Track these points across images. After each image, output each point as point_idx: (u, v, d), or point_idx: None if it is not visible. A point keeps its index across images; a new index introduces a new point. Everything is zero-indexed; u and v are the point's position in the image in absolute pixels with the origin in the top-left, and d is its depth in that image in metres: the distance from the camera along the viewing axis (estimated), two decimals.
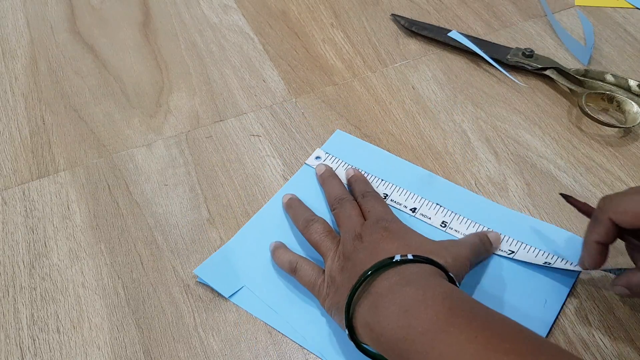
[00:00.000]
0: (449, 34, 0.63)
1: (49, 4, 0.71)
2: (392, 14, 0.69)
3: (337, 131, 0.56)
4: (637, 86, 0.58)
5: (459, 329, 0.34)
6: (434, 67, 0.63)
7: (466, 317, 0.35)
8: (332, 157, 0.54)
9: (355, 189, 0.50)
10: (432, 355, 0.34)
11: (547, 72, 0.60)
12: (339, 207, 0.48)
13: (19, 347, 0.43)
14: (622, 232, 0.40)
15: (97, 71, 0.63)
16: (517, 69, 0.62)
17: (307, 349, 0.43)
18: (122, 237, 0.49)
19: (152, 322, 0.44)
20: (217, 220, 0.50)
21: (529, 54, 0.61)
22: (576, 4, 0.70)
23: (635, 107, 0.56)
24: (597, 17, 0.68)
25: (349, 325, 0.39)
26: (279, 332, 0.43)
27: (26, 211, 0.51)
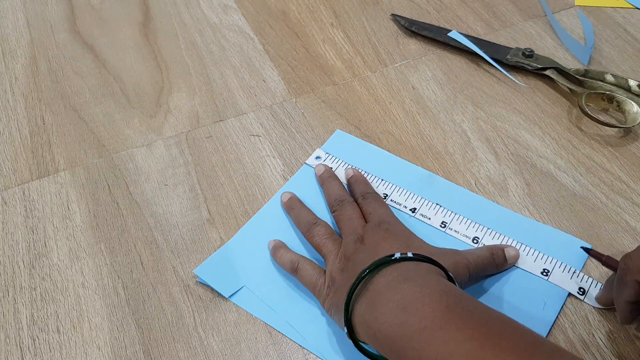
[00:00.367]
0: (449, 34, 0.63)
1: (49, 4, 0.71)
2: (392, 14, 0.69)
3: (337, 131, 0.56)
4: (637, 86, 0.58)
5: (456, 326, 0.34)
6: (434, 67, 0.63)
7: (464, 315, 0.35)
8: (332, 157, 0.54)
9: (355, 190, 0.50)
10: (429, 352, 0.34)
11: (547, 72, 0.60)
12: (339, 208, 0.48)
13: (19, 347, 0.43)
14: None
15: (97, 71, 0.63)
16: (517, 69, 0.62)
17: (307, 349, 0.43)
18: (122, 237, 0.49)
19: (152, 322, 0.44)
20: (217, 220, 0.50)
21: (529, 54, 0.61)
22: (576, 4, 0.70)
23: (635, 107, 0.56)
24: (597, 17, 0.68)
25: (348, 323, 0.39)
26: (279, 332, 0.43)
27: (26, 211, 0.51)
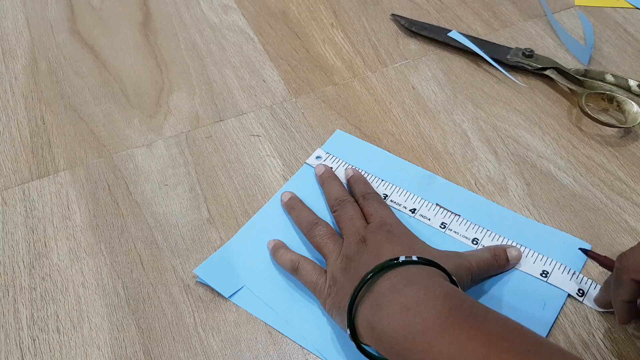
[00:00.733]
0: (449, 34, 0.63)
1: (49, 4, 0.71)
2: (392, 14, 0.69)
3: (337, 131, 0.56)
4: (637, 86, 0.58)
5: (459, 328, 0.34)
6: (434, 67, 0.63)
7: (466, 317, 0.35)
8: (332, 157, 0.54)
9: (355, 190, 0.50)
10: (432, 353, 0.34)
11: (547, 72, 0.60)
12: (340, 208, 0.48)
13: (19, 347, 0.43)
14: None
15: (97, 71, 0.63)
16: (517, 69, 0.62)
17: (307, 349, 0.43)
18: (122, 237, 0.49)
19: (152, 322, 0.44)
20: (217, 220, 0.50)
21: (529, 54, 0.61)
22: (576, 4, 0.70)
23: (635, 107, 0.56)
24: (597, 17, 0.68)
25: (351, 325, 0.39)
26: (279, 332, 0.43)
27: (26, 211, 0.51)
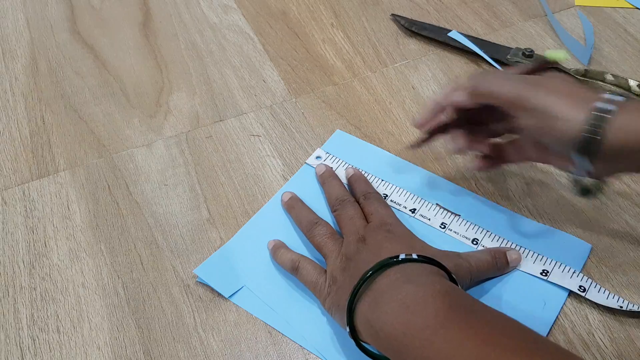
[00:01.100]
0: (449, 34, 0.63)
1: (49, 4, 0.71)
2: (392, 14, 0.69)
3: (337, 131, 0.56)
4: (637, 86, 0.58)
5: (458, 325, 0.34)
6: (434, 67, 0.63)
7: (466, 315, 0.35)
8: (333, 157, 0.54)
9: (355, 189, 0.50)
10: (431, 350, 0.34)
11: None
12: (340, 208, 0.48)
13: (19, 347, 0.43)
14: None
15: (97, 71, 0.63)
16: None
17: (307, 349, 0.43)
18: (122, 237, 0.49)
19: (152, 322, 0.44)
20: (217, 220, 0.50)
21: (529, 54, 0.61)
22: (576, 4, 0.70)
23: None
24: (597, 17, 0.68)
25: (350, 323, 0.39)
26: (279, 332, 0.43)
27: (26, 211, 0.51)
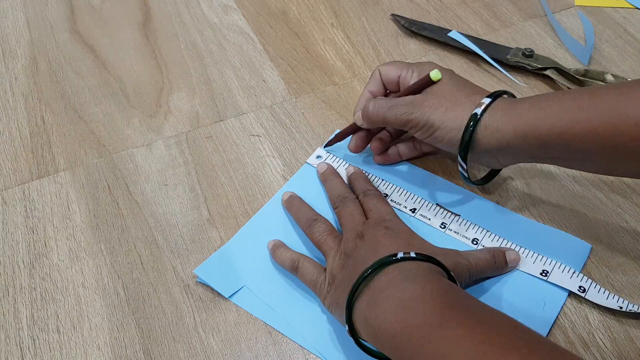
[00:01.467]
0: (449, 34, 0.63)
1: (49, 4, 0.71)
2: (392, 14, 0.69)
3: (337, 131, 0.56)
4: None
5: (456, 323, 0.34)
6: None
7: (464, 313, 0.35)
8: (333, 157, 0.54)
9: (356, 187, 0.50)
10: (428, 348, 0.34)
11: (547, 72, 0.60)
12: (341, 205, 0.48)
13: (19, 347, 0.43)
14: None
15: (97, 71, 0.63)
16: (517, 69, 0.62)
17: (307, 349, 0.43)
18: (122, 237, 0.49)
19: (152, 322, 0.44)
20: (217, 220, 0.50)
21: (529, 54, 0.61)
22: (576, 4, 0.70)
23: None
24: (597, 17, 0.68)
25: (349, 321, 0.39)
26: (279, 332, 0.43)
27: (26, 211, 0.51)
